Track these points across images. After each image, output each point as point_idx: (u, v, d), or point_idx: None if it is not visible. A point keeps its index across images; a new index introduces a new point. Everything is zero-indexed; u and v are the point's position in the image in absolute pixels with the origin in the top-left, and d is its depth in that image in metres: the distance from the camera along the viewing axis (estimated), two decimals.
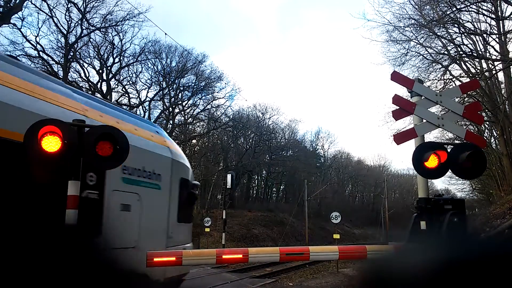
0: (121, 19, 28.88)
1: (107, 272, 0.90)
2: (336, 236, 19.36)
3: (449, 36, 19.72)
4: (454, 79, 21.03)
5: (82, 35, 28.00)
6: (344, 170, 68.35)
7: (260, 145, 47.52)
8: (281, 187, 58.02)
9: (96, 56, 31.34)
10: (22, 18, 25.37)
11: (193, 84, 38.70)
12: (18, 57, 7.47)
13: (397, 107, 5.39)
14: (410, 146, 5.34)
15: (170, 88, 37.42)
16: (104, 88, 31.93)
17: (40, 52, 26.94)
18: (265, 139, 47.80)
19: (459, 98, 14.29)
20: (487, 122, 24.62)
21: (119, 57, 32.13)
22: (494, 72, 20.04)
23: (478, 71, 21.51)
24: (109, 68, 32.05)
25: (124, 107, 33.79)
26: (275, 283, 12.62)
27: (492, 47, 20.26)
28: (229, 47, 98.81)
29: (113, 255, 0.94)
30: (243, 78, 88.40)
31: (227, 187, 24.22)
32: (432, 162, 4.63)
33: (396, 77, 5.59)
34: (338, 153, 67.51)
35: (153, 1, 60.21)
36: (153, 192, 6.88)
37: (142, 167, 6.59)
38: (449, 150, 4.76)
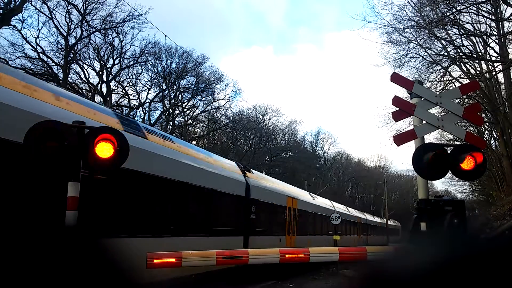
0: (121, 21, 28.89)
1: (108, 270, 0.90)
2: (337, 237, 19.34)
3: (448, 37, 19.73)
4: (454, 80, 21.03)
5: (82, 36, 28.00)
6: (344, 171, 68.31)
7: (260, 146, 47.48)
8: None
9: (96, 58, 31.36)
10: (22, 20, 25.40)
11: (193, 86, 38.75)
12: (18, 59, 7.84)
13: (397, 108, 5.40)
14: (410, 147, 5.35)
15: (170, 90, 37.44)
16: (104, 89, 31.95)
17: (40, 54, 26.93)
18: (265, 141, 47.77)
19: (459, 100, 14.31)
20: (487, 123, 24.60)
21: (119, 58, 32.15)
22: (494, 73, 20.06)
23: (478, 72, 21.51)
24: (109, 69, 32.06)
25: (124, 108, 33.88)
26: (275, 284, 12.59)
27: (492, 48, 20.31)
28: (229, 48, 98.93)
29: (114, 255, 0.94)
30: (243, 79, 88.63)
31: None
32: (432, 163, 4.63)
33: (396, 78, 5.60)
34: (338, 154, 67.55)
35: (154, 1, 60.25)
36: None
37: None
38: (449, 151, 4.76)
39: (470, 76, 20.52)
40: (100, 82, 31.74)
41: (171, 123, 37.80)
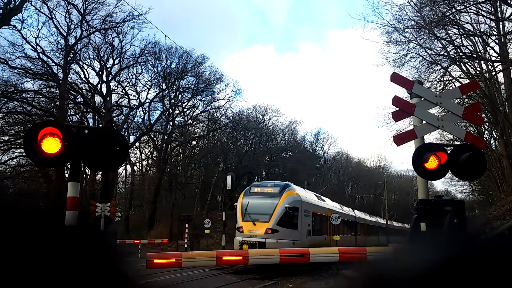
0: (121, 21, 28.88)
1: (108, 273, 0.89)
2: (337, 237, 19.35)
3: (448, 37, 19.73)
4: (453, 80, 21.04)
5: (82, 36, 28.01)
6: (344, 171, 68.25)
7: (260, 146, 47.46)
8: None
9: (96, 58, 31.40)
10: (22, 20, 25.42)
11: (193, 86, 38.76)
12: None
13: (397, 108, 5.39)
14: (410, 147, 5.34)
15: (170, 90, 37.46)
16: (104, 89, 31.96)
17: (40, 54, 26.92)
18: (265, 141, 47.74)
19: (458, 99, 14.29)
20: (487, 123, 24.62)
21: (119, 58, 32.16)
22: (493, 73, 20.06)
23: (478, 72, 21.51)
24: (109, 69, 32.08)
25: (124, 108, 33.89)
26: (275, 284, 12.59)
27: (492, 48, 20.31)
28: (232, 48, 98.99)
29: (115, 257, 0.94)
30: (244, 78, 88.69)
31: (227, 188, 24.29)
32: (432, 163, 4.63)
33: (396, 78, 5.60)
34: (338, 154, 67.42)
35: (155, 0, 60.18)
36: None
37: None
38: (449, 151, 4.76)
39: (470, 76, 20.52)
40: (100, 82, 31.79)
41: (171, 123, 37.82)
